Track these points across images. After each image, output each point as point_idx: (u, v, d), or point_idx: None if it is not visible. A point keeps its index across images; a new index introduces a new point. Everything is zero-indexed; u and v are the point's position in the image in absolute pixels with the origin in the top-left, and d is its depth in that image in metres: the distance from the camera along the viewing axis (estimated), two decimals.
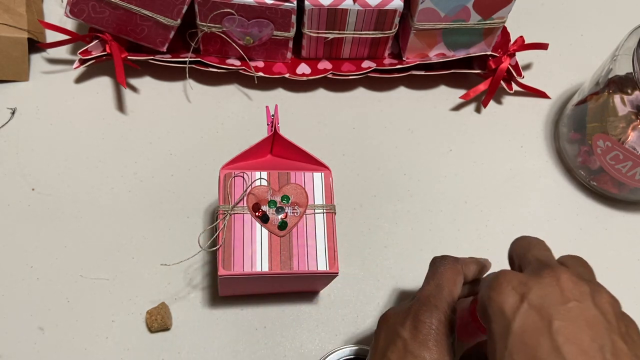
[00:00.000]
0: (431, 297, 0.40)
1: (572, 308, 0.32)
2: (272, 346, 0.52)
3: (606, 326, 0.32)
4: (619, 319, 0.33)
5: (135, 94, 0.62)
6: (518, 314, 0.33)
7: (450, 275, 0.41)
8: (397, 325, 0.39)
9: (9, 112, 0.59)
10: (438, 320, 0.38)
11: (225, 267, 0.44)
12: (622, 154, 0.55)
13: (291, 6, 0.55)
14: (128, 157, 0.58)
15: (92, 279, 0.53)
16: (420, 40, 0.61)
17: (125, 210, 0.56)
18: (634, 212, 0.61)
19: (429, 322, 0.38)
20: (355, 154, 0.61)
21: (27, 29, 0.59)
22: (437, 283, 0.41)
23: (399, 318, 0.40)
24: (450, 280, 0.41)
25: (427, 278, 0.42)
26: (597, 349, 0.31)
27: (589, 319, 0.32)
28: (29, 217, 0.55)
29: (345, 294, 0.55)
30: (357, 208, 0.58)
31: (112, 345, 0.51)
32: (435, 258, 0.43)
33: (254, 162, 0.49)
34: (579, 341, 0.31)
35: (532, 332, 0.32)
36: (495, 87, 0.63)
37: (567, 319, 0.32)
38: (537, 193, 0.61)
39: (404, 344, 0.38)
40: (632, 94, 0.55)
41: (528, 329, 0.32)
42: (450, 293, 0.40)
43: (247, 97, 0.63)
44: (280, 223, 0.46)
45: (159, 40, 0.58)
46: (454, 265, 0.42)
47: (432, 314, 0.38)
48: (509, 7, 0.58)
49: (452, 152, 0.62)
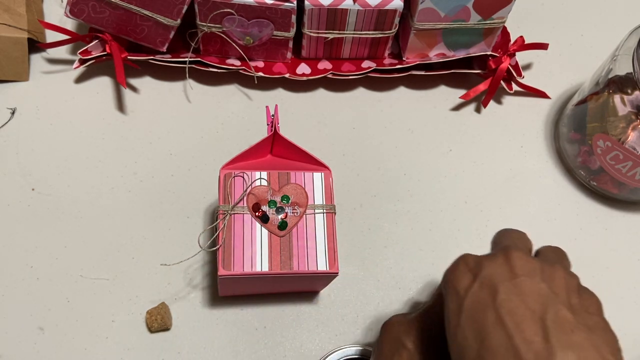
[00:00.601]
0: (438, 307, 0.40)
1: (519, 283, 0.33)
2: (272, 346, 0.52)
3: (552, 298, 0.33)
4: (570, 291, 0.34)
5: (135, 94, 0.62)
6: (469, 292, 0.34)
7: None
8: (402, 334, 0.39)
9: (9, 112, 0.59)
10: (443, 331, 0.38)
11: (225, 267, 0.44)
12: (622, 154, 0.55)
13: (291, 6, 0.55)
14: (128, 157, 0.58)
15: (92, 279, 0.53)
16: (420, 40, 0.61)
17: (125, 210, 0.56)
18: (634, 212, 0.61)
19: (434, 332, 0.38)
20: (355, 154, 0.61)
21: (27, 29, 0.59)
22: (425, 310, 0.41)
23: (403, 327, 0.40)
24: None
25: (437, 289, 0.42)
26: (538, 318, 0.32)
27: (534, 291, 0.33)
28: (29, 217, 0.55)
29: (345, 294, 0.55)
30: (357, 208, 0.58)
31: (112, 345, 0.51)
32: None
33: (254, 162, 0.49)
34: (520, 311, 0.32)
35: (480, 307, 0.33)
36: (495, 87, 0.63)
37: (513, 292, 0.33)
38: (537, 193, 0.61)
39: (408, 354, 0.38)
40: (632, 94, 0.55)
41: (477, 305, 0.33)
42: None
43: (247, 97, 0.63)
44: (280, 223, 0.46)
45: (159, 40, 0.58)
46: None
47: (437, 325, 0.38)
48: (509, 7, 0.58)
49: (452, 152, 0.62)
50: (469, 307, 0.33)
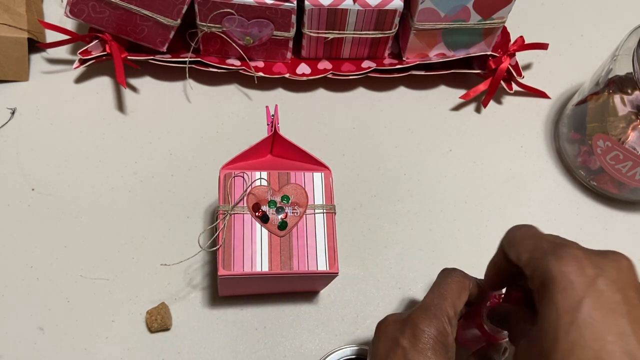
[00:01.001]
0: (432, 306, 0.40)
1: None
2: (272, 346, 0.52)
3: None
4: None
5: (135, 94, 0.62)
6: (591, 290, 0.32)
7: (456, 288, 0.41)
8: (397, 333, 0.39)
9: (9, 112, 0.59)
10: (437, 330, 0.38)
11: (225, 267, 0.44)
12: (622, 154, 0.55)
13: (291, 6, 0.55)
14: (128, 157, 0.58)
15: (92, 279, 0.53)
16: (420, 40, 0.61)
17: (125, 210, 0.56)
18: (634, 212, 0.61)
19: (428, 331, 0.38)
20: (355, 154, 0.61)
21: (27, 29, 0.59)
22: (440, 293, 0.41)
23: (398, 325, 0.40)
24: (455, 293, 0.41)
25: (433, 287, 0.42)
26: None
27: None
28: (29, 217, 0.55)
29: (345, 294, 0.55)
30: (357, 208, 0.58)
31: (112, 345, 0.51)
32: (445, 269, 0.43)
33: (254, 162, 0.49)
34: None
35: (608, 310, 0.32)
36: (495, 87, 0.63)
37: None
38: (537, 193, 0.61)
39: (403, 352, 0.38)
40: (632, 94, 0.55)
41: (602, 307, 0.32)
42: (452, 305, 0.40)
43: (247, 97, 0.63)
44: (280, 223, 0.46)
45: (159, 40, 0.58)
46: (462, 280, 0.42)
47: (432, 323, 0.38)
48: (509, 7, 0.58)
49: (452, 152, 0.62)
50: (591, 306, 0.32)
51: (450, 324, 0.39)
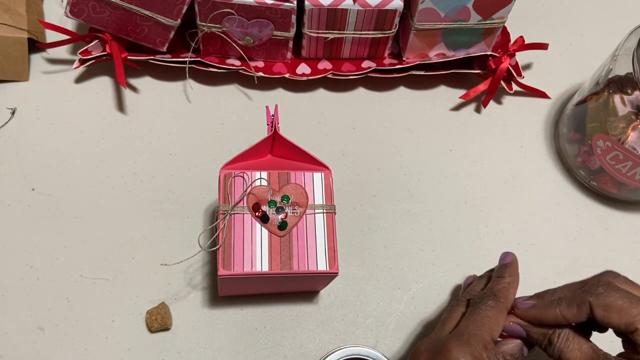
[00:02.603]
0: (466, 333, 0.40)
1: None
2: (272, 346, 0.52)
3: None
4: None
5: (135, 94, 0.62)
6: None
7: (493, 314, 0.41)
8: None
9: (9, 112, 0.59)
10: (472, 357, 0.38)
11: (225, 267, 0.44)
12: (622, 154, 0.55)
13: (291, 6, 0.55)
14: (128, 157, 0.58)
15: (92, 279, 0.53)
16: (420, 40, 0.61)
17: (125, 210, 0.56)
18: (634, 212, 0.61)
19: (463, 359, 0.38)
20: (355, 154, 0.61)
21: (27, 29, 0.59)
22: (475, 319, 0.41)
23: (431, 355, 0.40)
24: (492, 319, 0.41)
25: (467, 316, 0.42)
26: None
27: None
28: (29, 217, 0.55)
29: (345, 294, 0.55)
30: (357, 208, 0.58)
31: (112, 345, 0.51)
32: (475, 298, 0.43)
33: (254, 162, 0.49)
34: None
35: None
36: (495, 87, 0.63)
37: None
38: (537, 193, 0.61)
39: None
40: (632, 94, 0.55)
41: None
42: (489, 331, 0.40)
43: (247, 97, 0.63)
44: (280, 223, 0.46)
45: (159, 40, 0.58)
46: (496, 304, 0.42)
47: (465, 351, 0.38)
48: (509, 7, 0.58)
49: (452, 152, 0.62)
50: None
51: (486, 349, 0.39)
